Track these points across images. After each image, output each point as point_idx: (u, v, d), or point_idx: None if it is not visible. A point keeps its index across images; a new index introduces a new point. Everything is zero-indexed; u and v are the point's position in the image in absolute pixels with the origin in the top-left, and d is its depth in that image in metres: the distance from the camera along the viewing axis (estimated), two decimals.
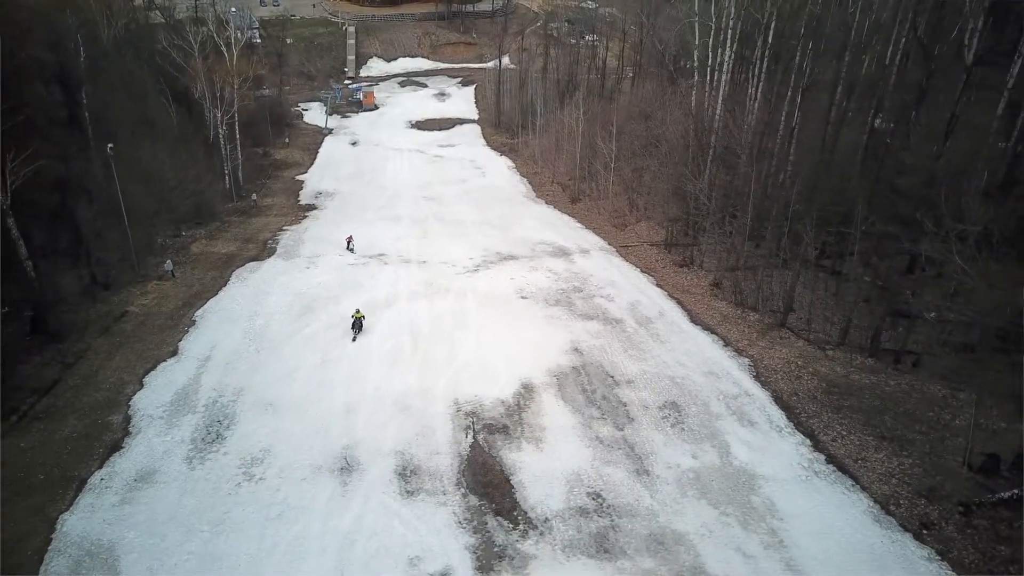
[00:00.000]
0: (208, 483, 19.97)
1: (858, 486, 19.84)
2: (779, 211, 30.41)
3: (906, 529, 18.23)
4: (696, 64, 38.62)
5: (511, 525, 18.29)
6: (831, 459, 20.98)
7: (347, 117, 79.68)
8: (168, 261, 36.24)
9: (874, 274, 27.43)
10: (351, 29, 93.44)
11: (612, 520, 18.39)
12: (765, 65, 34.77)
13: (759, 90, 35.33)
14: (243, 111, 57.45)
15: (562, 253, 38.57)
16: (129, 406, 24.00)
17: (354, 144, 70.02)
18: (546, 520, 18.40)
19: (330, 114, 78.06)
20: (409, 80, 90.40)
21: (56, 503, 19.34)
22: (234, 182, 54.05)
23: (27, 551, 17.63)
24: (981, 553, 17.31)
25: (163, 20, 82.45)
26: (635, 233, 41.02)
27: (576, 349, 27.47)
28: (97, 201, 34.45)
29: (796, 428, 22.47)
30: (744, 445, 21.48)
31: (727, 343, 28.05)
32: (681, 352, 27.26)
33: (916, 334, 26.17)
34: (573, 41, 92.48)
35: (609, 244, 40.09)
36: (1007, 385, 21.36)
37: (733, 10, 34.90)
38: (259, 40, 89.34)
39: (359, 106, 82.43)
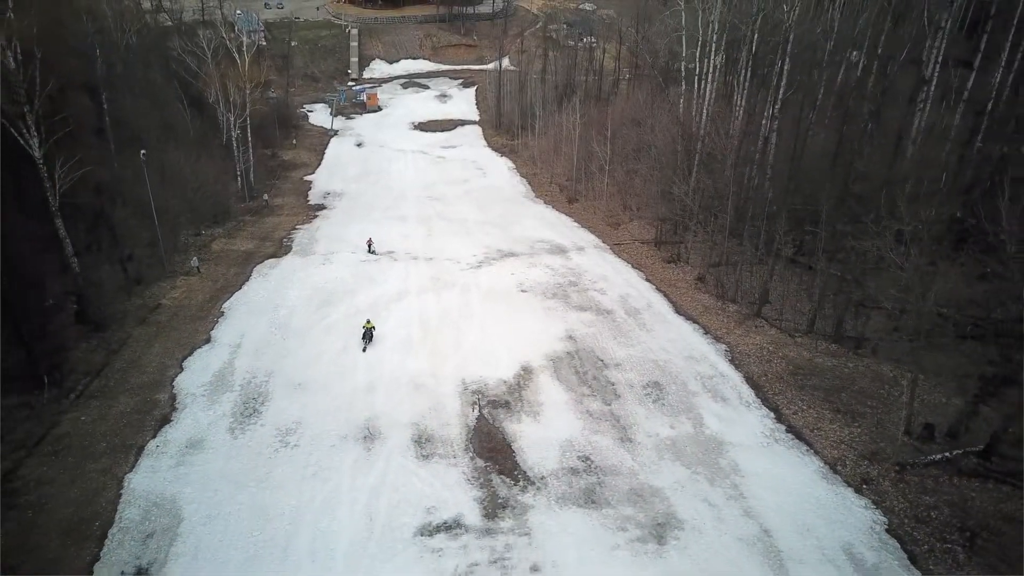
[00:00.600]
0: (250, 449, 23.44)
1: (812, 450, 23.33)
2: (756, 212, 33.86)
3: (849, 484, 21.71)
4: (684, 74, 42.07)
5: (512, 482, 21.77)
6: (790, 429, 24.48)
7: (351, 118, 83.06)
8: (194, 258, 39.72)
9: (842, 269, 30.83)
10: (354, 31, 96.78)
11: (599, 478, 21.87)
12: (748, 76, 38.22)
13: (744, 99, 38.79)
14: (254, 114, 60.83)
15: (559, 250, 42.05)
16: (173, 386, 27.46)
17: (359, 145, 73.37)
18: (542, 478, 21.88)
19: (335, 115, 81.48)
20: (411, 82, 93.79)
21: (120, 465, 22.79)
22: (246, 183, 57.43)
23: (102, 502, 21.08)
24: (909, 502, 20.79)
25: (171, 23, 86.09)
26: (627, 232, 44.50)
27: (570, 337, 30.95)
28: (130, 203, 37.90)
29: (763, 403, 25.97)
30: (715, 417, 24.98)
31: (707, 331, 31.54)
32: (665, 339, 30.75)
33: (875, 322, 29.63)
34: (572, 43, 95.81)
35: (603, 242, 43.54)
36: (946, 366, 24.93)
37: (717, 24, 38.32)
38: (265, 43, 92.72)
39: (363, 107, 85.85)
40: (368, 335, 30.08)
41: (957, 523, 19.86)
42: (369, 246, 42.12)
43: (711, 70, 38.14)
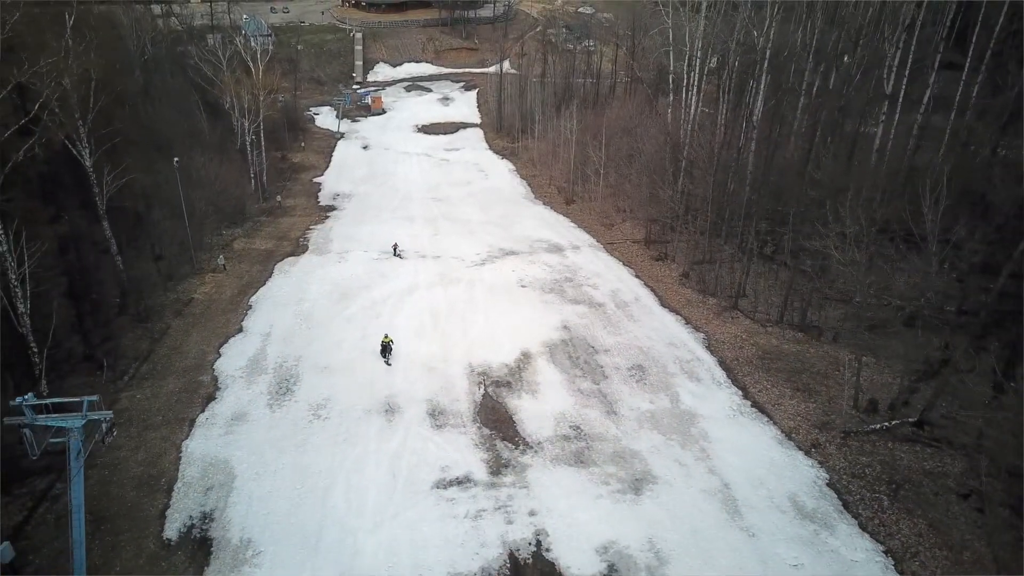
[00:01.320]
0: (287, 420, 27.70)
1: (772, 422, 27.59)
2: (734, 215, 38.11)
3: (800, 448, 25.97)
4: (672, 86, 46.33)
5: (513, 446, 26.02)
6: (755, 404, 28.74)
7: (357, 121, 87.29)
8: (220, 256, 43.98)
9: (810, 266, 35.01)
10: (358, 35, 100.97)
11: (587, 443, 26.13)
12: (730, 91, 42.46)
13: (725, 112, 43.00)
14: (266, 119, 65.04)
15: (556, 249, 46.29)
16: (214, 369, 31.72)
17: (365, 148, 77.57)
18: (539, 443, 26.14)
19: (341, 119, 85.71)
20: (414, 85, 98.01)
21: (177, 434, 27.05)
22: (260, 185, 61.65)
23: (165, 463, 25.35)
24: (848, 462, 25.05)
25: (180, 28, 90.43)
26: (620, 232, 48.74)
27: (565, 326, 35.20)
28: (163, 206, 42.16)
29: (732, 383, 30.24)
30: (690, 394, 29.24)
31: (688, 322, 35.79)
32: (650, 329, 35.00)
33: (836, 313, 33.87)
34: (570, 46, 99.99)
35: (597, 241, 47.78)
36: (892, 350, 29.19)
37: (700, 42, 42.56)
38: (272, 47, 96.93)
39: (368, 110, 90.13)
40: (387, 349, 31.71)
41: (886, 478, 24.12)
42: (395, 249, 45.28)
43: (695, 83, 42.40)
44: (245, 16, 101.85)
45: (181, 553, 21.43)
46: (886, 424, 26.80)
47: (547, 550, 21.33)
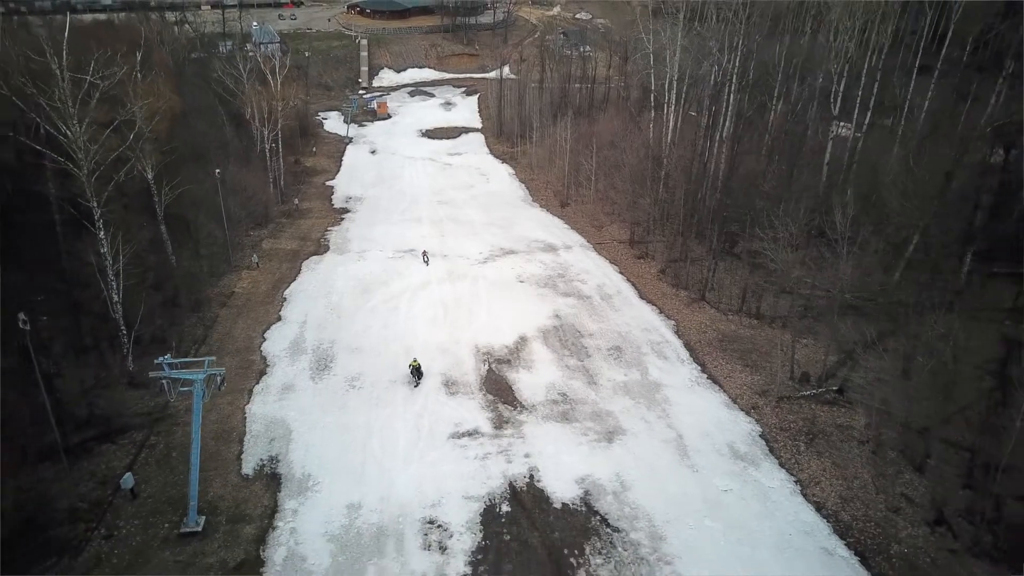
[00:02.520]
0: (328, 390, 35.18)
1: (722, 390, 35.10)
2: (703, 219, 45.62)
3: (742, 410, 33.47)
4: (653, 103, 53.82)
5: (512, 408, 33.51)
6: (710, 376, 36.25)
7: (363, 126, 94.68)
8: (254, 256, 51.46)
9: (764, 262, 42.39)
10: (364, 42, 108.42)
11: (571, 405, 33.62)
12: (710, 112, 49.98)
13: (702, 130, 50.48)
14: (282, 127, 72.38)
15: (551, 249, 53.76)
16: (261, 351, 39.19)
17: (373, 152, 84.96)
18: (532, 405, 33.63)
19: (349, 124, 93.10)
20: (418, 90, 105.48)
21: (239, 400, 34.48)
22: (278, 189, 69.04)
23: (234, 422, 32.80)
24: (778, 419, 32.55)
25: (193, 35, 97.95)
26: (608, 233, 56.20)
27: (557, 316, 42.69)
28: (205, 211, 49.61)
29: (693, 360, 37.75)
30: (657, 369, 36.74)
31: (662, 311, 43.29)
32: (629, 317, 42.50)
33: (784, 303, 41.31)
34: (568, 52, 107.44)
35: (588, 242, 55.21)
36: (823, 333, 36.66)
37: (677, 69, 50.03)
38: (281, 53, 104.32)
39: (374, 115, 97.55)
40: (417, 372, 35.18)
41: (805, 430, 31.63)
42: (424, 256, 51.10)
43: (672, 103, 49.88)
44: (255, 24, 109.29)
45: (258, 484, 28.92)
46: (813, 391, 34.32)
47: (538, 481, 28.82)
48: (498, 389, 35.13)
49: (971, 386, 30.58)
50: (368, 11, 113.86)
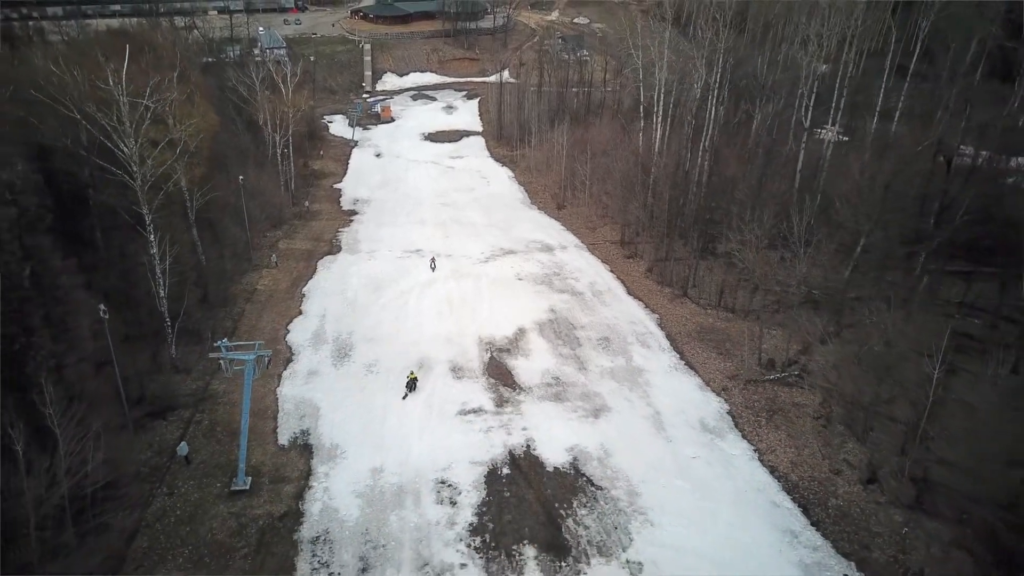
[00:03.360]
0: (348, 374, 40.66)
1: (697, 374, 40.61)
2: (686, 223, 51.15)
3: (713, 391, 38.99)
4: (643, 114, 59.35)
5: (511, 389, 39.02)
6: (687, 363, 41.76)
7: (368, 129, 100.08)
8: (273, 255, 56.94)
9: (738, 261, 47.82)
10: (367, 46, 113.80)
11: (563, 387, 39.13)
12: (693, 122, 55.51)
13: (688, 137, 56.02)
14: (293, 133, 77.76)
15: (547, 249, 59.25)
16: (287, 341, 44.66)
17: (378, 156, 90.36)
18: (529, 387, 39.13)
19: (354, 127, 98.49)
20: (420, 94, 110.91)
21: (271, 384, 39.92)
22: (289, 192, 74.47)
23: (268, 401, 38.27)
24: (744, 399, 38.08)
25: (202, 39, 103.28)
26: (601, 234, 61.71)
27: (552, 310, 48.17)
28: (229, 214, 55.08)
29: (673, 349, 43.27)
30: (641, 357, 42.26)
31: (647, 306, 48.80)
32: (617, 311, 48.01)
33: (758, 298, 46.82)
34: (566, 56, 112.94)
35: (582, 242, 60.70)
36: (789, 324, 42.16)
37: (663, 85, 55.52)
38: (287, 58, 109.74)
39: (377, 119, 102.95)
40: (411, 385, 38.71)
41: (767, 408, 37.17)
42: (432, 263, 55.50)
43: (660, 111, 55.40)
44: (261, 29, 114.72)
45: (293, 452, 34.41)
46: (777, 375, 39.84)
47: (534, 450, 34.33)
48: (499, 374, 40.64)
49: (913, 370, 36.01)
50: (371, 16, 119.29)
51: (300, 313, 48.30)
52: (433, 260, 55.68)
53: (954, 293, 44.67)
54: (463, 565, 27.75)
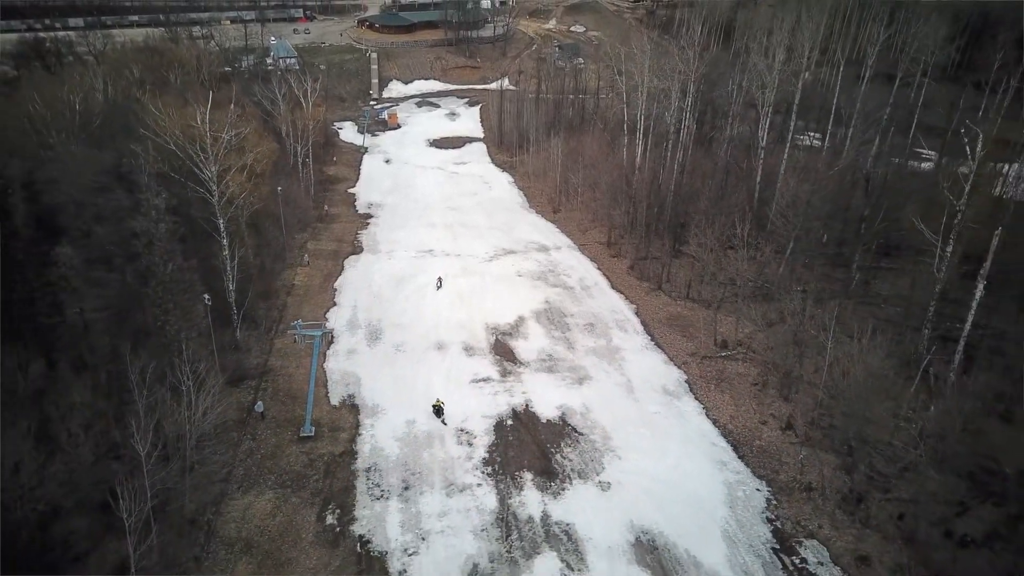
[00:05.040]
0: (381, 353, 52.57)
1: (664, 352, 52.58)
2: (661, 227, 63.13)
3: (676, 365, 50.94)
4: (626, 130, 71.33)
5: (513, 364, 50.96)
6: (656, 344, 53.73)
7: (376, 136, 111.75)
8: (305, 255, 68.75)
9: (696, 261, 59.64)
10: (374, 55, 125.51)
11: (554, 362, 51.07)
12: (670, 141, 67.44)
13: (666, 153, 67.90)
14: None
15: (544, 249, 71.12)
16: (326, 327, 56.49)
17: (388, 162, 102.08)
18: (527, 362, 51.08)
19: (364, 134, 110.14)
20: (424, 101, 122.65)
21: (319, 361, 51.75)
22: (309, 197, 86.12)
23: (318, 373, 50.11)
24: (699, 370, 50.04)
25: (217, 48, 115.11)
26: (590, 236, 73.61)
27: (546, 301, 60.06)
28: (268, 218, 66.86)
29: (646, 332, 55.24)
30: (619, 338, 54.20)
31: (627, 298, 60.72)
32: (601, 302, 59.94)
33: (719, 290, 58.73)
34: (562, 64, 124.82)
35: (574, 243, 72.56)
36: (742, 311, 54.16)
37: (644, 103, 67.46)
38: (298, 67, 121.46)
39: (384, 125, 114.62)
40: (439, 411, 45.03)
41: (716, 377, 49.11)
42: (439, 283, 64.70)
43: (640, 133, 67.29)
44: (273, 39, 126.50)
45: (343, 410, 46.24)
46: (728, 353, 51.73)
47: (531, 408, 46.20)
48: (503, 352, 52.53)
49: (817, 343, 47.93)
50: (377, 25, 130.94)
51: (335, 304, 60.16)
52: (440, 280, 64.55)
53: (883, 286, 56.72)
54: (479, 485, 39.64)
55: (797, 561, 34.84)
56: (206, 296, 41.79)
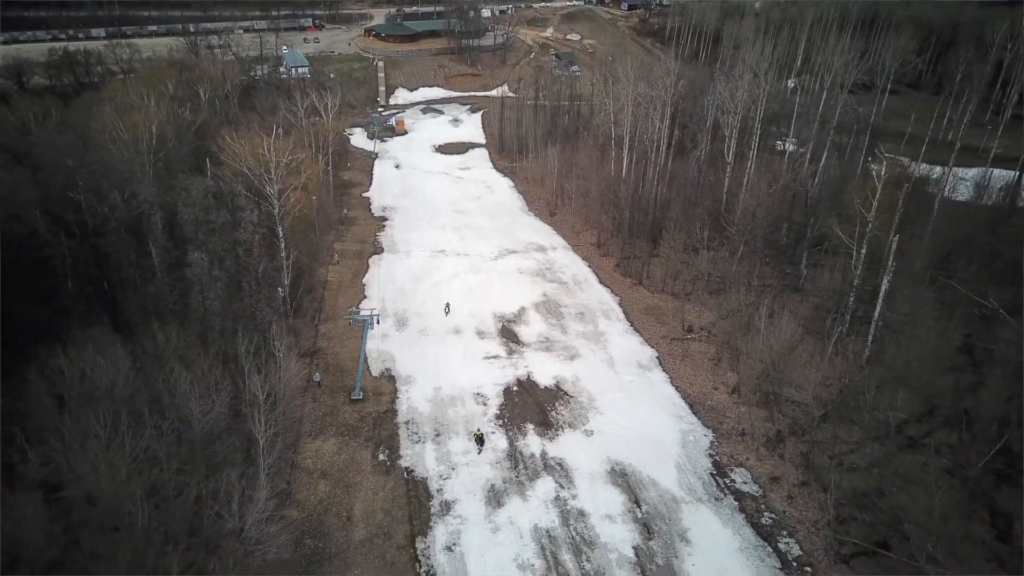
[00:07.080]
0: (408, 337, 67.84)
1: (641, 335, 67.96)
2: (642, 230, 78.52)
3: (650, 345, 66.34)
4: (613, 142, 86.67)
5: (517, 345, 66.26)
6: (635, 328, 69.13)
7: (384, 141, 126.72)
8: (335, 255, 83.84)
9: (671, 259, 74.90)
10: (380, 63, 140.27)
11: (551, 343, 66.40)
12: (653, 154, 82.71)
13: (651, 165, 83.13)
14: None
15: (542, 249, 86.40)
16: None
17: (397, 167, 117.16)
18: (529, 343, 66.40)
19: (374, 140, 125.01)
20: (429, 107, 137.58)
21: (357, 343, 66.88)
22: (330, 201, 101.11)
23: (358, 352, 65.30)
24: (668, 349, 65.46)
25: (233, 58, 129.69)
26: (583, 238, 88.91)
27: (544, 295, 75.36)
28: (302, 221, 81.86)
29: (626, 320, 70.65)
30: (604, 325, 69.58)
31: (612, 291, 76.08)
32: (590, 294, 75.31)
33: (691, 284, 74.08)
34: (559, 72, 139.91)
35: (568, 244, 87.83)
36: (709, 303, 69.62)
37: (630, 119, 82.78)
38: (309, 75, 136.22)
39: (392, 131, 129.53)
40: (480, 440, 53.08)
41: (682, 354, 64.51)
42: (447, 309, 78.36)
43: (625, 148, 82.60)
44: (285, 48, 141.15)
45: (383, 380, 61.47)
46: (693, 336, 67.10)
47: (532, 377, 61.48)
48: (508, 335, 67.82)
49: (770, 331, 63.21)
50: (383, 35, 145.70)
51: (365, 297, 75.36)
52: (448, 305, 72.76)
53: (820, 280, 72.08)
54: (492, 432, 54.90)
55: (728, 482, 50.24)
56: (280, 289, 56.90)
